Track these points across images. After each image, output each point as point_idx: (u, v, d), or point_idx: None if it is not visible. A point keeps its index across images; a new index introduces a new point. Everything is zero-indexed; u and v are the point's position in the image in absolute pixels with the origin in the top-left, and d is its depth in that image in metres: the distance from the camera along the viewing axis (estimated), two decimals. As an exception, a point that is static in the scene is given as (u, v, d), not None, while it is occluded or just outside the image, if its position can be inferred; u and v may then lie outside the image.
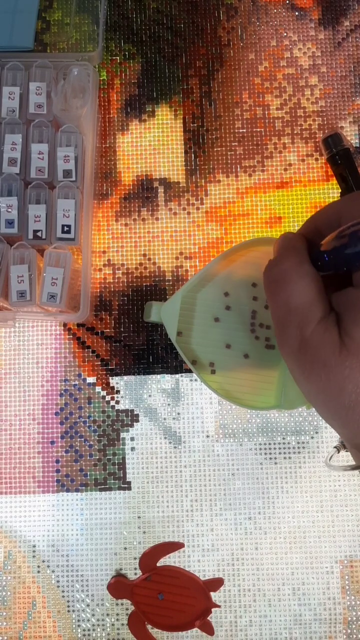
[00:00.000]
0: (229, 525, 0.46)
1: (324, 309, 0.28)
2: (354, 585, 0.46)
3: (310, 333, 0.28)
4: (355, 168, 0.47)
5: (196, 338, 0.42)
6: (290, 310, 0.28)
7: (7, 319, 0.46)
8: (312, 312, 0.28)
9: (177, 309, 0.41)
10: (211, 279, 0.42)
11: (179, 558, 0.46)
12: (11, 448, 0.47)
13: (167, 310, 0.42)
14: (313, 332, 0.28)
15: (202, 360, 0.42)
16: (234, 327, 0.42)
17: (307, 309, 0.28)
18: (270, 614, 0.46)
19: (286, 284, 0.28)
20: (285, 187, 0.49)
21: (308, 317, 0.28)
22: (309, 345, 0.28)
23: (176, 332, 0.41)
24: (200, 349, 0.42)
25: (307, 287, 0.28)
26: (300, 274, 0.28)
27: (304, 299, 0.28)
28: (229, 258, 0.42)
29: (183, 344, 0.42)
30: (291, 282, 0.28)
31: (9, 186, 0.45)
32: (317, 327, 0.28)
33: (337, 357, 0.27)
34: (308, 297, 0.28)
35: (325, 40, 0.51)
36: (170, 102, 0.50)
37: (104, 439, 0.47)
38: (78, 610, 0.46)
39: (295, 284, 0.28)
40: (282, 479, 0.46)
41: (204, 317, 0.42)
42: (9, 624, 0.46)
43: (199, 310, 0.42)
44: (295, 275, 0.28)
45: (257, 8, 0.51)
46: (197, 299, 0.42)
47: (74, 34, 0.51)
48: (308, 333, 0.28)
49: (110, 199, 0.50)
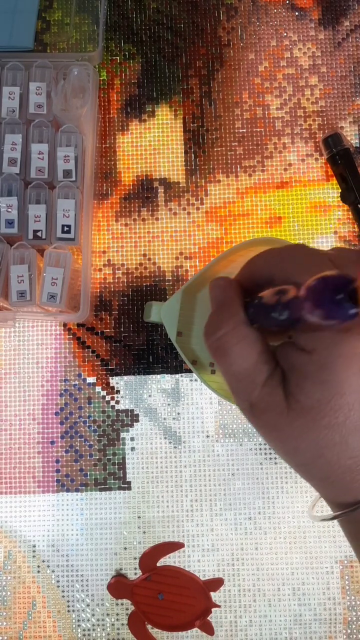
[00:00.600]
0: (229, 525, 0.46)
1: (267, 369, 0.27)
2: (354, 585, 0.46)
3: (256, 397, 0.27)
4: (355, 168, 0.47)
5: (196, 338, 0.42)
6: (235, 377, 0.28)
7: (7, 319, 0.46)
8: (255, 376, 0.27)
9: (177, 309, 0.41)
10: (211, 279, 0.42)
11: (179, 558, 0.46)
12: (11, 448, 0.47)
13: (167, 310, 0.42)
14: (259, 396, 0.27)
15: (202, 360, 0.42)
16: None
17: (249, 374, 0.27)
18: (270, 614, 0.46)
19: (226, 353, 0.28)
20: (285, 187, 0.49)
21: (252, 382, 0.27)
22: (257, 409, 0.28)
23: (176, 332, 0.41)
24: (200, 349, 0.42)
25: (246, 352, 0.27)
26: (238, 338, 0.27)
27: (244, 364, 0.27)
28: (229, 258, 0.42)
29: (183, 344, 0.42)
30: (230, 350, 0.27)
31: (9, 186, 0.45)
32: (262, 391, 0.27)
33: (285, 419, 0.27)
34: (248, 362, 0.27)
35: (325, 40, 0.51)
36: (170, 102, 0.50)
37: (104, 438, 0.47)
38: (78, 610, 0.46)
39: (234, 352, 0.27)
40: (282, 479, 0.46)
41: (204, 317, 0.42)
42: (9, 624, 0.46)
43: (199, 310, 0.42)
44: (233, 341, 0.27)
45: (257, 8, 0.51)
46: (197, 298, 0.42)
47: (74, 34, 0.51)
48: (254, 397, 0.27)
49: (110, 199, 0.50)
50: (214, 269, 0.42)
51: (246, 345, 0.27)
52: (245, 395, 0.28)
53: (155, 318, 0.42)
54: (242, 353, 0.27)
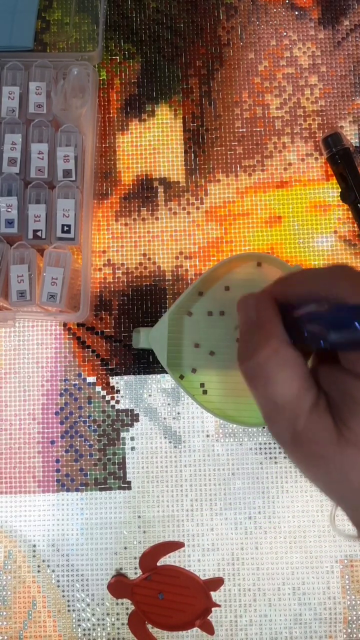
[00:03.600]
0: (229, 525, 0.46)
1: (313, 396, 0.25)
2: (354, 584, 0.46)
3: (303, 426, 0.25)
4: (355, 168, 0.47)
5: (186, 360, 0.43)
6: (278, 406, 0.25)
7: (7, 319, 0.46)
8: (301, 403, 0.25)
9: (166, 333, 0.42)
10: (197, 299, 0.43)
11: (179, 557, 0.46)
12: (11, 448, 0.47)
13: (155, 336, 0.42)
14: (305, 425, 0.25)
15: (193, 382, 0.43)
16: (223, 345, 0.42)
17: (294, 402, 0.25)
18: (271, 613, 0.46)
19: (268, 380, 0.25)
20: (285, 187, 0.49)
21: (297, 410, 0.25)
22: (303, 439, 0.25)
23: (167, 357, 0.41)
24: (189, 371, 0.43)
25: (291, 379, 0.25)
26: (280, 364, 0.25)
27: (289, 392, 0.25)
28: (212, 276, 0.42)
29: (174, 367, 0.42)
30: (272, 377, 0.25)
31: (9, 186, 0.45)
32: (309, 419, 0.25)
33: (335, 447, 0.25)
34: (293, 390, 0.25)
35: (325, 40, 0.51)
36: (170, 102, 0.50)
37: (104, 438, 0.47)
38: (78, 610, 0.46)
39: (278, 379, 0.25)
40: (282, 478, 0.46)
41: (192, 339, 0.42)
42: (9, 624, 0.46)
43: (187, 332, 0.43)
44: (275, 367, 0.25)
45: (257, 7, 0.51)
46: (184, 319, 0.42)
47: (74, 34, 0.51)
48: (300, 427, 0.25)
49: (110, 199, 0.50)
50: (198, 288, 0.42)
51: (291, 372, 0.25)
52: (288, 425, 0.25)
53: (144, 344, 0.42)
54: (286, 381, 0.25)
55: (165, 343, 0.42)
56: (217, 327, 0.43)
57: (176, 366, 0.43)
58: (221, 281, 0.43)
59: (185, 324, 0.42)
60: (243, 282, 0.43)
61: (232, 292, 0.43)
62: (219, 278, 0.43)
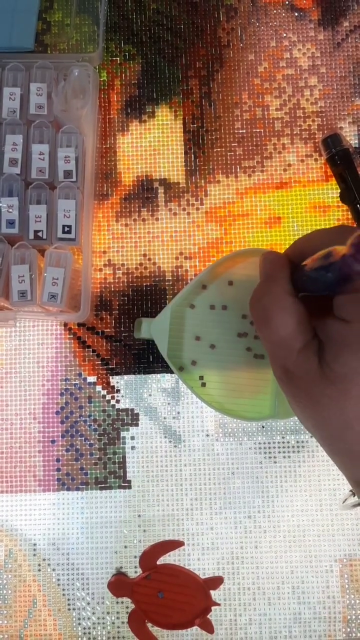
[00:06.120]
0: (229, 524, 0.46)
1: (304, 338, 0.29)
2: (354, 584, 0.46)
3: (292, 363, 0.29)
4: (354, 168, 0.48)
5: (187, 352, 0.43)
6: (274, 343, 0.29)
7: (8, 319, 0.47)
8: (292, 343, 0.29)
9: (167, 325, 0.42)
10: (200, 293, 0.43)
11: (179, 556, 0.46)
12: (12, 447, 0.47)
13: (157, 326, 0.42)
14: (295, 363, 0.29)
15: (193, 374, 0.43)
16: (224, 339, 0.42)
17: (287, 341, 0.29)
18: (270, 612, 0.46)
19: (268, 320, 0.29)
20: (285, 188, 0.49)
21: (289, 349, 0.29)
22: (292, 375, 0.29)
23: (167, 348, 0.42)
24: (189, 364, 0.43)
25: (287, 320, 0.29)
26: (282, 306, 0.29)
27: (284, 332, 0.29)
28: (217, 270, 0.42)
29: (175, 359, 0.42)
30: (273, 317, 0.29)
31: (10, 186, 0.46)
32: (298, 358, 0.29)
33: (317, 387, 0.28)
34: (288, 330, 0.29)
35: (324, 41, 0.51)
36: (170, 103, 0.50)
37: (105, 437, 0.47)
38: (78, 609, 0.46)
39: (276, 319, 0.29)
40: (282, 477, 0.47)
41: (194, 332, 0.43)
42: (9, 622, 0.46)
43: (188, 325, 0.43)
44: (275, 311, 0.29)
45: (257, 9, 0.51)
46: (185, 312, 0.42)
47: (75, 35, 0.51)
48: (290, 364, 0.29)
49: (111, 200, 0.50)
50: (202, 281, 0.42)
51: (289, 313, 0.29)
52: (281, 361, 0.29)
53: (146, 334, 0.42)
54: (282, 321, 0.29)
55: (167, 334, 0.42)
56: (218, 321, 0.43)
57: (176, 358, 0.43)
58: (225, 275, 0.43)
59: (187, 316, 0.43)
60: (247, 277, 0.43)
61: (235, 287, 0.43)
62: (223, 272, 0.43)
